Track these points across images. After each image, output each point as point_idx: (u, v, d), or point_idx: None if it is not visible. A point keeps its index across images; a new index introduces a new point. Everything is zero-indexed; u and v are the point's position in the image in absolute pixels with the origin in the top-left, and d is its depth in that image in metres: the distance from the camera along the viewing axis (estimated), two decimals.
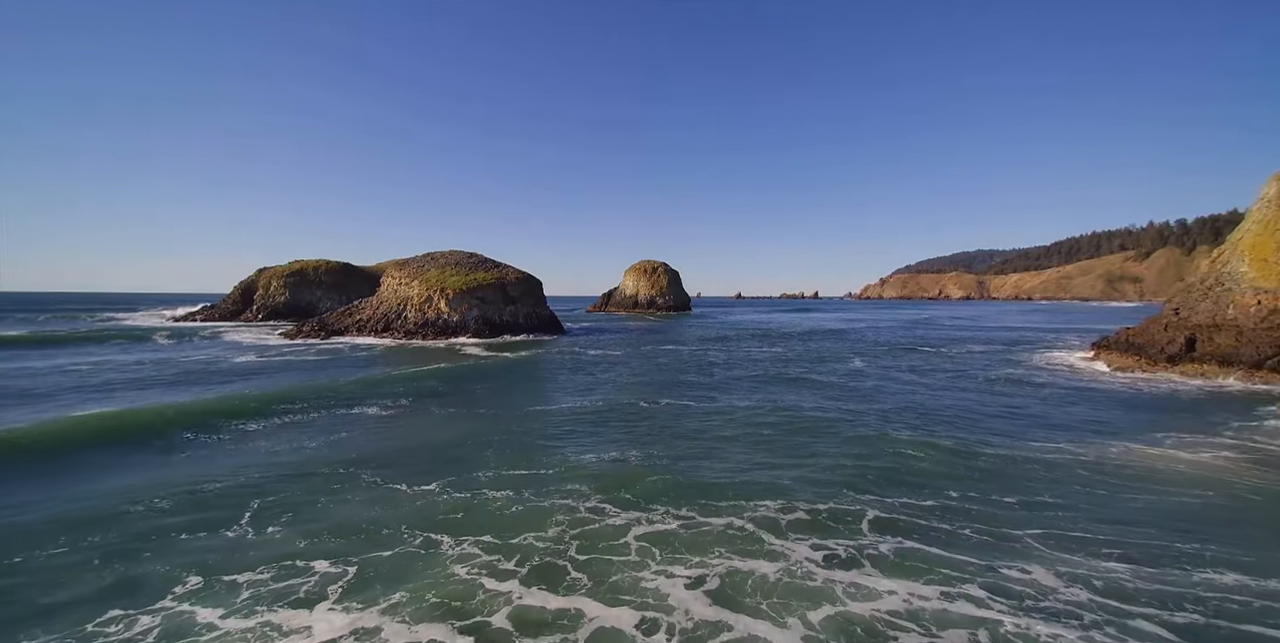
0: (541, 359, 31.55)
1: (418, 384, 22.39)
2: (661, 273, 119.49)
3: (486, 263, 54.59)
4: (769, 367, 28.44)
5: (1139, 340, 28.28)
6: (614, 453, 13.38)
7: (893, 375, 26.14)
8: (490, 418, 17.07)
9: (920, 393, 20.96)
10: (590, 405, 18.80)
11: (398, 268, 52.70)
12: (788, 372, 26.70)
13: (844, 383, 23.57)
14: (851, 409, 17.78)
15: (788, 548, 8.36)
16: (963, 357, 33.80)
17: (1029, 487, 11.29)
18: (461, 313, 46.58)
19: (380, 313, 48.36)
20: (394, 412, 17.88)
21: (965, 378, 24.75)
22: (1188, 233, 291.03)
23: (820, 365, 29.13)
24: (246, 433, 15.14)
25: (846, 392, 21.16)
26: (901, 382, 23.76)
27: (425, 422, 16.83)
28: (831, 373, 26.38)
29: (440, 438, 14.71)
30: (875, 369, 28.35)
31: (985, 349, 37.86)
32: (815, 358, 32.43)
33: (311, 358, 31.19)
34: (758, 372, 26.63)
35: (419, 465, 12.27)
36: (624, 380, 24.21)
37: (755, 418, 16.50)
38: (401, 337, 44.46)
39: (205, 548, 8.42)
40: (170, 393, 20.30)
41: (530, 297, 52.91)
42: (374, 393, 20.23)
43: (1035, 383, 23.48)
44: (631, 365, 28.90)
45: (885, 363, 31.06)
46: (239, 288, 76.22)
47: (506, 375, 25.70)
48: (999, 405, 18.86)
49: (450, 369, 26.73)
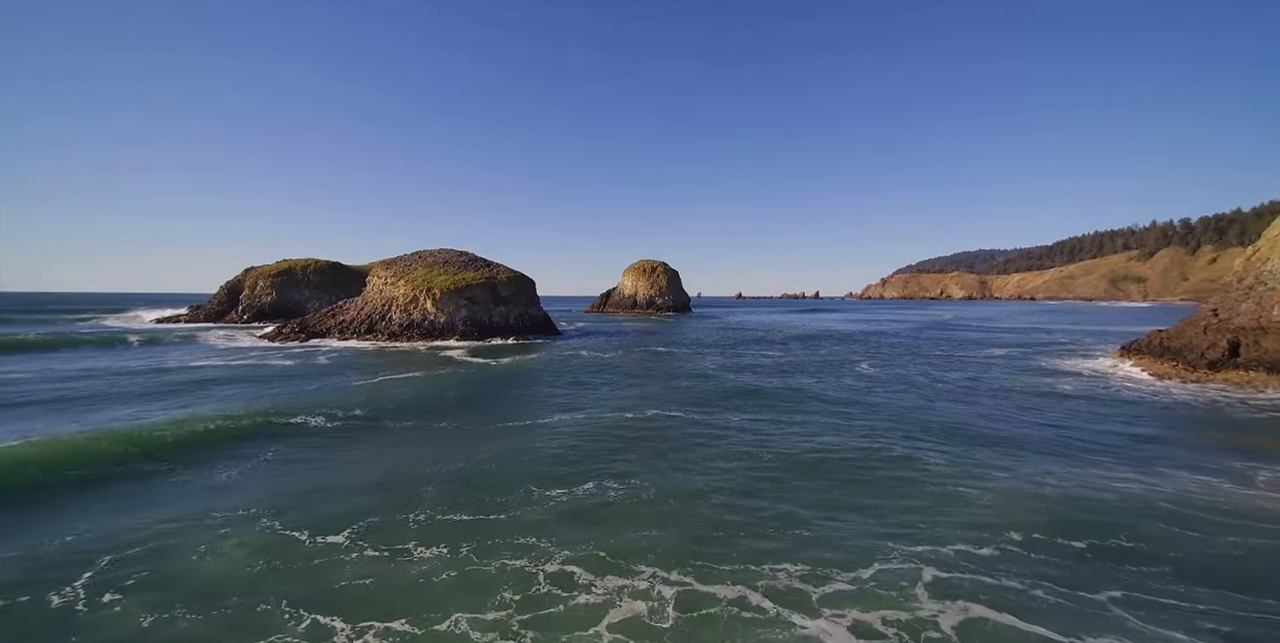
0: (525, 367, 29.13)
1: (375, 399, 19.68)
2: (661, 273, 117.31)
3: (477, 262, 52.37)
4: (772, 377, 25.66)
5: (1175, 344, 26.03)
6: (589, 487, 11.15)
7: (913, 386, 23.84)
8: (445, 442, 14.65)
9: (949, 409, 18.43)
10: (567, 424, 16.49)
11: (384, 267, 50.49)
12: (793, 383, 24.09)
13: (859, 398, 21.17)
14: (872, 428, 15.43)
15: (825, 633, 6.18)
16: (982, 363, 31.56)
17: (1101, 529, 9.11)
18: (449, 314, 44.36)
19: (364, 314, 46.13)
20: (331, 436, 15.19)
21: (993, 390, 22.22)
22: (1191, 232, 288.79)
23: (828, 375, 26.41)
24: (129, 474, 11.97)
25: (864, 409, 18.44)
26: (924, 395, 21.39)
27: (363, 449, 14.13)
28: (842, 386, 23.43)
29: (374, 470, 12.35)
30: (890, 378, 26.10)
31: (1005, 353, 35.61)
32: (821, 365, 30.06)
33: (276, 364, 28.94)
34: (760, 383, 23.96)
35: (334, 507, 9.96)
36: (609, 394, 21.57)
37: (761, 445, 14.08)
38: (385, 339, 42.24)
39: (17, 627, 6.24)
40: (72, 416, 16.92)
41: (522, 297, 50.69)
42: (319, 410, 17.47)
43: (1071, 394, 21.18)
44: (621, 374, 26.41)
45: (900, 370, 28.82)
46: (225, 288, 74.07)
47: (481, 386, 23.13)
48: (1038, 423, 16.60)
49: (420, 379, 24.33)
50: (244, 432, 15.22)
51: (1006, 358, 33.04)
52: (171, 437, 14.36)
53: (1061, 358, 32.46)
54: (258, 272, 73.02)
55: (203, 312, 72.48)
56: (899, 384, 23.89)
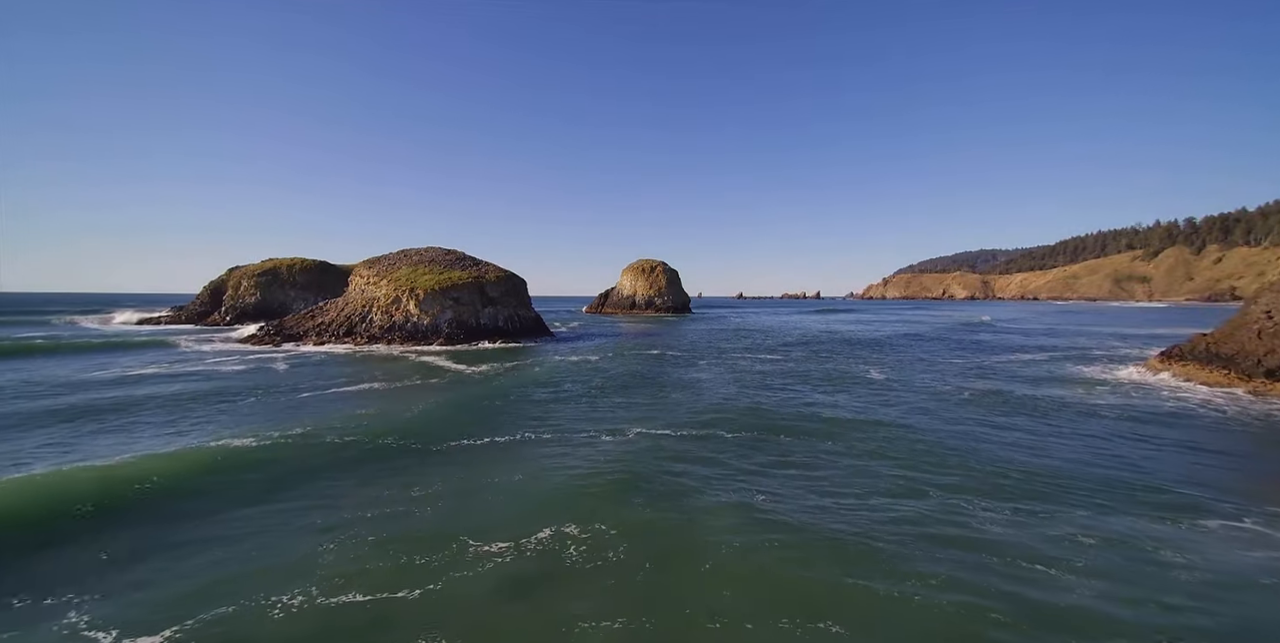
0: (504, 375, 26.30)
1: (312, 420, 16.25)
2: (660, 272, 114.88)
3: (465, 260, 49.89)
4: (776, 392, 21.81)
5: (1225, 350, 23.48)
6: (544, 537, 8.68)
7: (936, 398, 21.34)
8: (373, 475, 12.01)
9: (992, 441, 15.11)
10: (533, 450, 13.93)
11: (367, 266, 48.01)
12: (800, 400, 20.34)
13: (874, 418, 18.75)
14: (907, 476, 12.16)
15: None
16: (1009, 367, 29.05)
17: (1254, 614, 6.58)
18: (433, 316, 41.87)
19: (344, 316, 43.65)
20: (186, 503, 10.50)
21: (1035, 410, 19.29)
22: (1196, 232, 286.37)
23: (836, 389, 22.78)
24: None
25: (885, 438, 15.14)
26: (948, 415, 18.80)
27: (244, 509, 10.17)
28: (855, 407, 19.16)
29: (232, 543, 8.86)
30: (903, 387, 23.59)
31: (1031, 359, 33.07)
32: (827, 376, 27.48)
33: (227, 370, 26.33)
34: (761, 400, 20.18)
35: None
36: (589, 409, 18.75)
37: (765, 491, 10.97)
38: (365, 342, 39.75)
39: None
40: None
41: (512, 298, 48.19)
42: (219, 449, 13.88)
43: (1125, 414, 18.52)
44: (608, 384, 23.53)
45: (910, 376, 26.31)
46: (208, 288, 71.78)
47: (446, 400, 20.10)
48: (1100, 456, 14.04)
49: (379, 392, 21.33)
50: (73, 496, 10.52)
51: (1031, 364, 30.50)
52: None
53: (1086, 365, 29.91)
54: (241, 271, 70.62)
55: (185, 313, 70.22)
56: (918, 398, 21.32)
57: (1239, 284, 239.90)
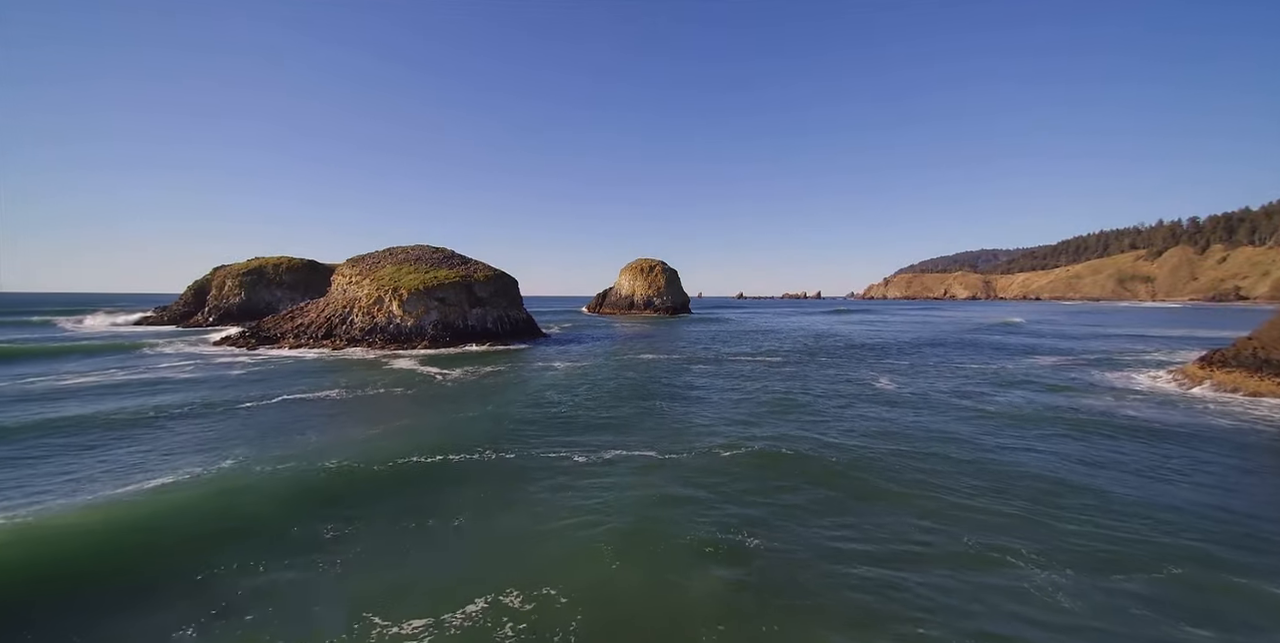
0: (478, 383, 23.91)
1: (217, 445, 14.12)
2: (659, 272, 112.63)
3: (453, 259, 47.69)
4: (781, 416, 17.72)
5: (1278, 356, 21.27)
6: (478, 609, 6.47)
7: (959, 416, 19.17)
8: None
9: (1036, 473, 12.65)
10: (467, 499, 11.35)
11: (350, 265, 45.80)
12: (799, 419, 17.41)
13: (887, 438, 16.56)
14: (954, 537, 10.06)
15: None
16: (1035, 373, 26.88)
17: None
18: (417, 317, 39.68)
19: (323, 317, 41.46)
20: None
21: (1076, 431, 17.10)
22: (1200, 232, 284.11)
23: (845, 406, 19.40)
24: None
25: (923, 480, 11.87)
26: (988, 442, 16.62)
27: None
28: (860, 429, 16.14)
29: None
30: (917, 399, 21.43)
31: (1054, 363, 30.87)
32: (830, 384, 25.29)
33: (179, 379, 24.04)
34: (761, 422, 17.09)
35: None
36: (559, 432, 15.73)
37: (771, 582, 8.01)
38: (344, 345, 37.56)
39: None
40: None
41: (502, 298, 45.99)
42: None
43: (1176, 432, 16.36)
44: (590, 396, 20.85)
45: (926, 385, 24.15)
46: (191, 288, 69.55)
47: (397, 415, 17.68)
48: (1173, 487, 11.88)
49: (330, 405, 19.10)
50: None
51: (1055, 369, 28.31)
52: None
53: (1111, 370, 27.73)
54: (226, 270, 68.40)
55: (168, 313, 68.02)
56: (944, 420, 19.12)
57: (1244, 284, 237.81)
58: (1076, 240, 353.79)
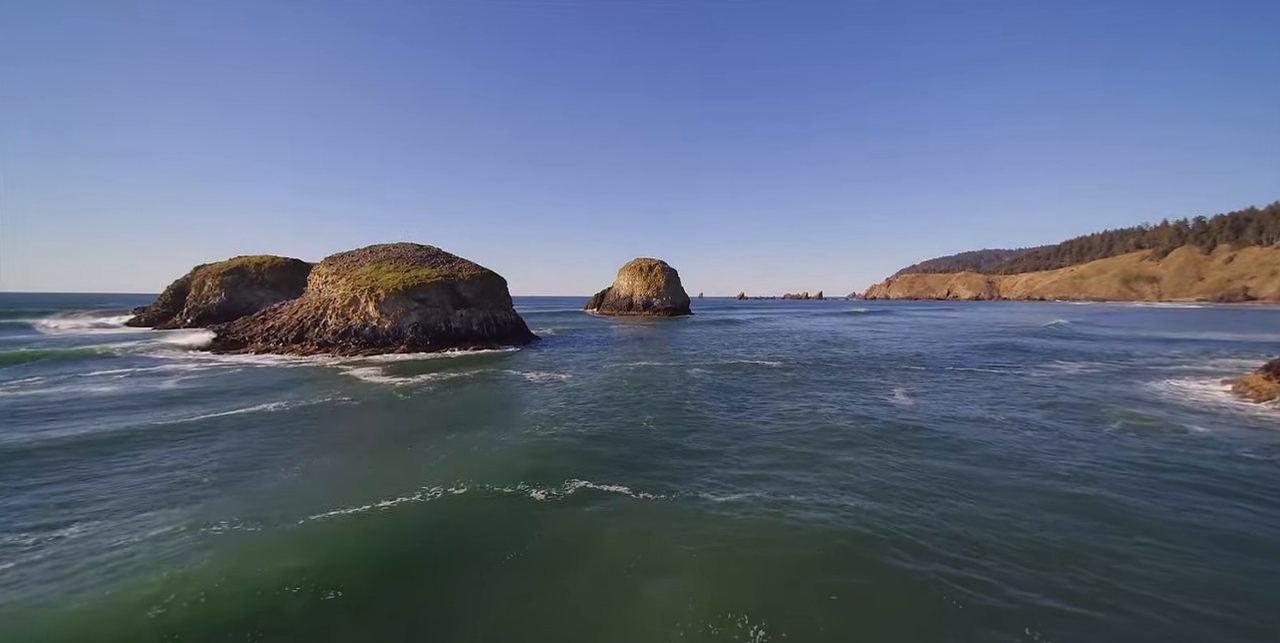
0: (435, 398, 20.71)
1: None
2: (659, 272, 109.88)
3: (437, 257, 44.94)
4: (792, 448, 14.14)
5: None
6: None
7: (997, 438, 16.33)
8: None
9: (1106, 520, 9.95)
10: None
11: (327, 264, 43.06)
12: (812, 452, 13.76)
13: (898, 456, 13.69)
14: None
15: None
16: (1067, 384, 24.08)
17: None
18: (395, 319, 36.91)
19: (295, 319, 38.70)
20: None
21: (1126, 464, 14.42)
22: (1207, 231, 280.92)
23: (863, 445, 14.59)
24: None
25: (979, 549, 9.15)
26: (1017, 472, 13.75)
27: None
28: (881, 465, 12.74)
29: None
30: (937, 415, 18.61)
31: (1084, 371, 28.03)
32: (844, 398, 22.38)
33: (99, 393, 20.79)
34: (762, 449, 13.91)
35: None
36: (524, 464, 12.68)
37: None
38: (314, 350, 34.78)
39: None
40: None
41: (489, 299, 43.21)
42: None
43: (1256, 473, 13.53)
44: (566, 415, 17.64)
45: (944, 398, 21.33)
46: (171, 289, 66.87)
47: (311, 443, 14.42)
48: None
49: (258, 423, 16.25)
50: None
51: (1086, 379, 25.47)
52: None
53: (1153, 380, 24.90)
54: (206, 270, 65.71)
55: (145, 315, 65.37)
56: (965, 431, 16.28)
57: (1251, 285, 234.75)
58: (1080, 240, 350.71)
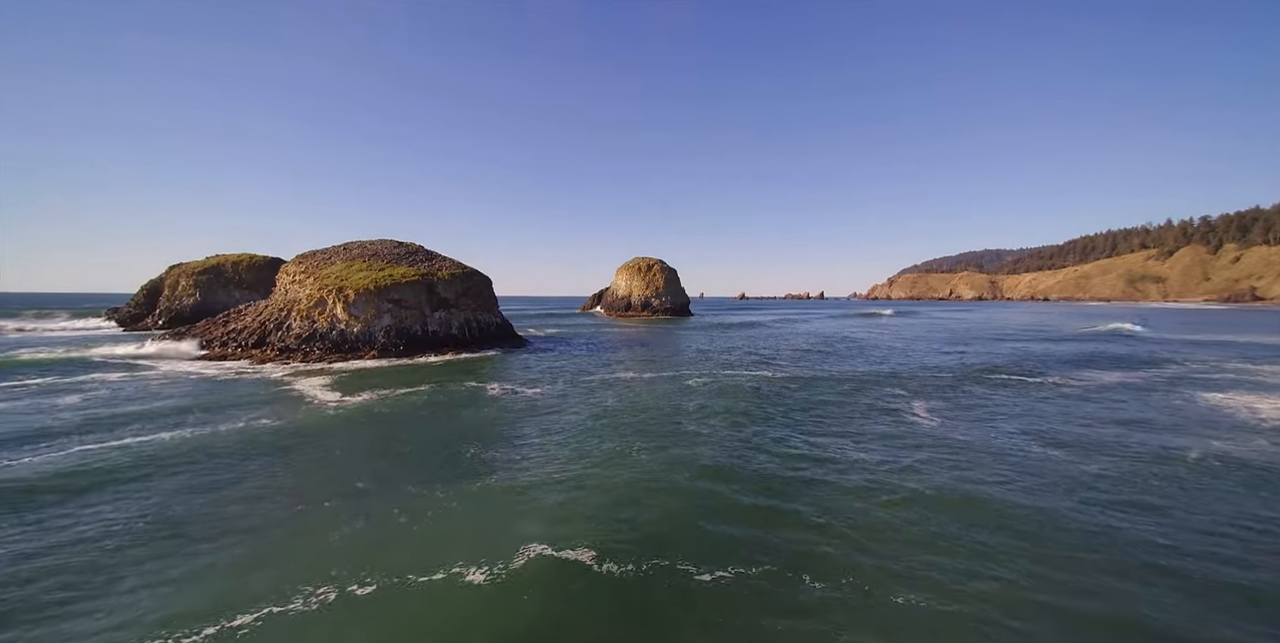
0: (367, 432, 16.34)
1: None
2: (658, 271, 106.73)
3: (416, 255, 41.78)
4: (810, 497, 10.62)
5: None
6: None
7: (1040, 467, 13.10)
8: None
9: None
10: None
11: (297, 262, 39.92)
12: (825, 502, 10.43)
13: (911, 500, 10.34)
14: None
15: None
16: (1102, 394, 20.91)
17: None
18: (365, 322, 33.75)
19: (258, 321, 35.56)
20: None
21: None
22: (1213, 231, 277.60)
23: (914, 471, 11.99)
24: None
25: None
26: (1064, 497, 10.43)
27: None
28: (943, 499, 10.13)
29: None
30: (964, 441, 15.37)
31: (1122, 380, 24.85)
32: (863, 424, 19.05)
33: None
34: (775, 492, 10.95)
35: None
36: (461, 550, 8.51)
37: None
38: (274, 356, 31.62)
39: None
40: None
41: (471, 299, 40.03)
42: None
43: None
44: (531, 443, 14.67)
45: (972, 420, 18.11)
46: (144, 289, 63.75)
47: (182, 480, 11.56)
48: None
49: (142, 454, 13.06)
50: None
51: (1123, 388, 22.27)
52: None
53: (1200, 389, 21.74)
54: (180, 269, 62.60)
55: (117, 316, 62.31)
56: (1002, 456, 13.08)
57: (1259, 284, 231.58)
58: (1083, 240, 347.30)
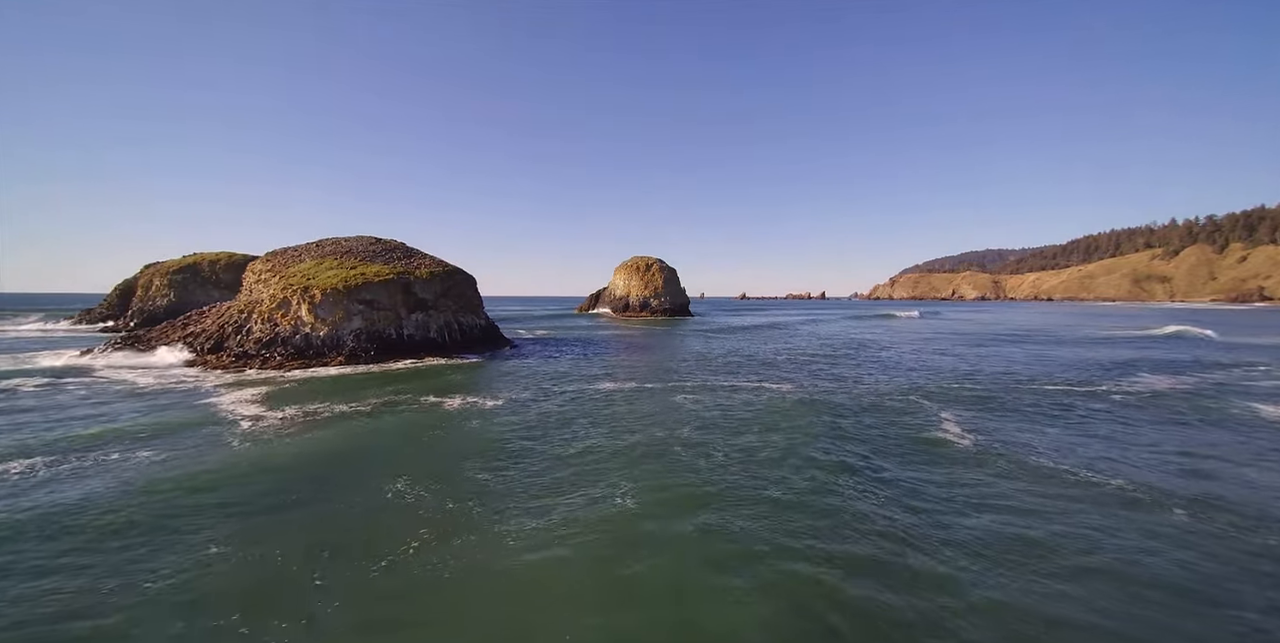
0: (298, 453, 13.49)
1: None
2: (657, 271, 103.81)
3: (394, 253, 38.88)
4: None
5: None
6: None
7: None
8: None
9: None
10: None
11: (264, 260, 37.04)
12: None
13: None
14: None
15: None
16: (1151, 404, 17.96)
17: None
18: (333, 325, 30.84)
19: (218, 324, 32.65)
20: None
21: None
22: (1219, 230, 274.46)
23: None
24: None
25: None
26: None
27: None
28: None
29: None
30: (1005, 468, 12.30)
31: (1172, 387, 21.89)
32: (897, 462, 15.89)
33: None
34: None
35: None
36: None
37: None
38: (229, 362, 28.71)
39: None
40: None
41: (451, 300, 37.12)
42: None
43: None
44: (489, 480, 11.45)
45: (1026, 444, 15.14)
46: (117, 289, 60.97)
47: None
48: None
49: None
50: None
51: (1164, 398, 19.31)
52: None
53: (1254, 400, 18.82)
54: (155, 268, 59.80)
55: (88, 317, 59.51)
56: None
57: (1267, 284, 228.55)
58: (1087, 240, 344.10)
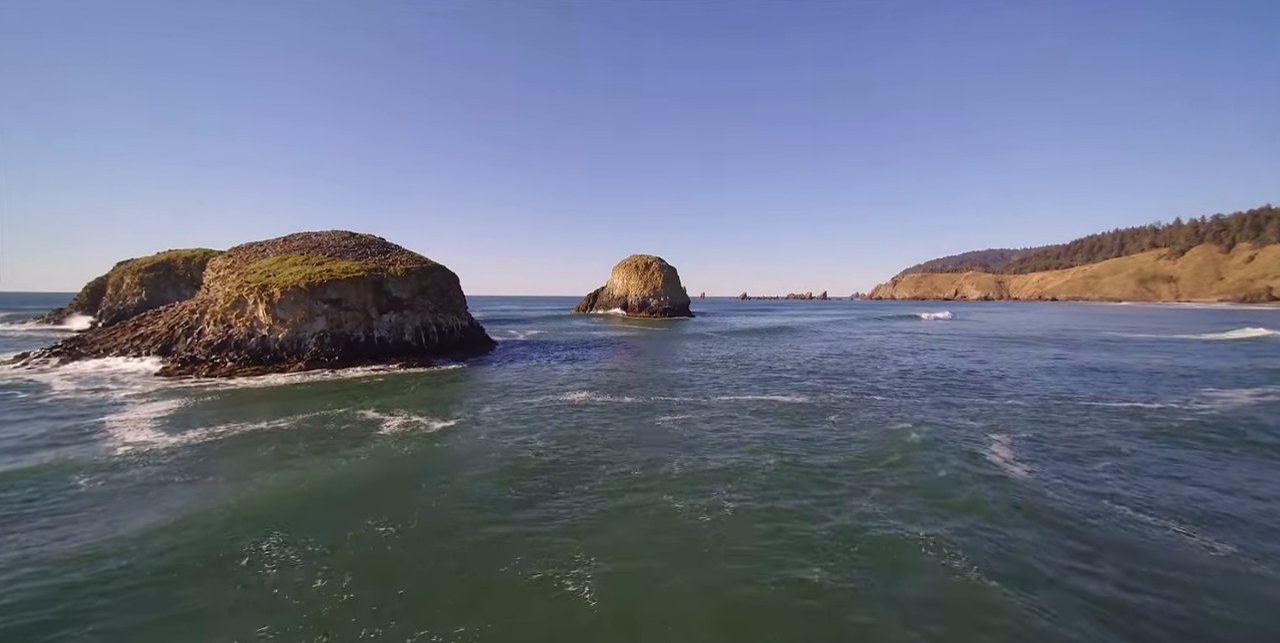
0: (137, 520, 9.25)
1: None
2: (656, 270, 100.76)
3: (369, 248, 35.88)
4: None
5: None
6: None
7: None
8: None
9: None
10: None
11: (226, 256, 34.04)
12: None
13: None
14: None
15: None
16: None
17: None
18: (294, 327, 27.83)
19: (168, 326, 29.66)
20: None
21: None
22: (1225, 229, 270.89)
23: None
24: None
25: None
26: None
27: None
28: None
29: None
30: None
31: (1256, 400, 18.84)
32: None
33: None
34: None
35: None
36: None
37: None
38: (177, 368, 25.70)
39: None
40: None
41: (429, 299, 34.08)
42: None
43: None
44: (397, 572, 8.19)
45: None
46: (88, 288, 58.14)
47: None
48: None
49: None
50: None
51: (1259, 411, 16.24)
52: None
53: None
54: (127, 266, 56.87)
55: (56, 317, 56.71)
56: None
57: (1275, 284, 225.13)
58: (1091, 239, 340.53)
